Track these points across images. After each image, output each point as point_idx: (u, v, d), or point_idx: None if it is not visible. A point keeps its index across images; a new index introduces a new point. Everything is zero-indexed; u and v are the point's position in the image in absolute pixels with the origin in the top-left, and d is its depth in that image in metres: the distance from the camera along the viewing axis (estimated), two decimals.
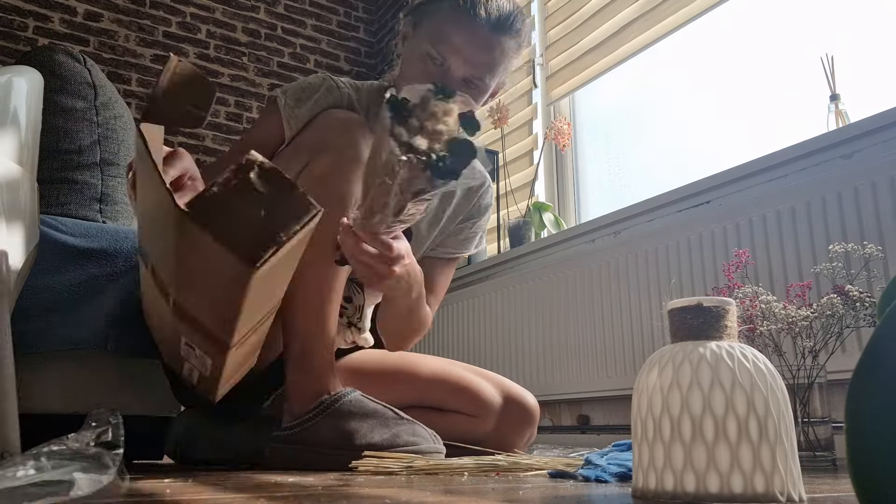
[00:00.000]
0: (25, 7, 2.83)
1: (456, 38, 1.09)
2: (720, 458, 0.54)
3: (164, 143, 0.79)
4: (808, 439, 1.10)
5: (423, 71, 1.10)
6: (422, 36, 1.12)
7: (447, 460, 0.95)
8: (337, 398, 1.02)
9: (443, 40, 1.09)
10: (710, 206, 1.79)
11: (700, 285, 1.68)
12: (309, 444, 1.00)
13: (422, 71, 1.10)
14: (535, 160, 2.61)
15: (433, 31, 1.10)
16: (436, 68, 1.10)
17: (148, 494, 0.60)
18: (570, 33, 2.52)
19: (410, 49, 1.15)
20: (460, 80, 1.11)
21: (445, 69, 1.10)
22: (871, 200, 1.39)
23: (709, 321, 0.59)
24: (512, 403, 1.23)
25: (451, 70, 1.10)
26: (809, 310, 1.13)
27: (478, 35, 1.09)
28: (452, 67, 1.10)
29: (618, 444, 0.96)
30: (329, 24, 3.56)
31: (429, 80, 1.04)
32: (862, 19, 1.78)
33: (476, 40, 1.10)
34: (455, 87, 1.00)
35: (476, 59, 1.10)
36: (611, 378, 1.89)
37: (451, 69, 1.10)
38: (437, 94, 0.80)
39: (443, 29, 1.09)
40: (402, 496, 0.61)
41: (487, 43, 1.10)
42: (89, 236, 1.49)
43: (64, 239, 1.45)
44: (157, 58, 3.07)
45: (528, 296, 2.21)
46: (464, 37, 1.09)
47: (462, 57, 1.10)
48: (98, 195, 1.70)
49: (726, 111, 2.08)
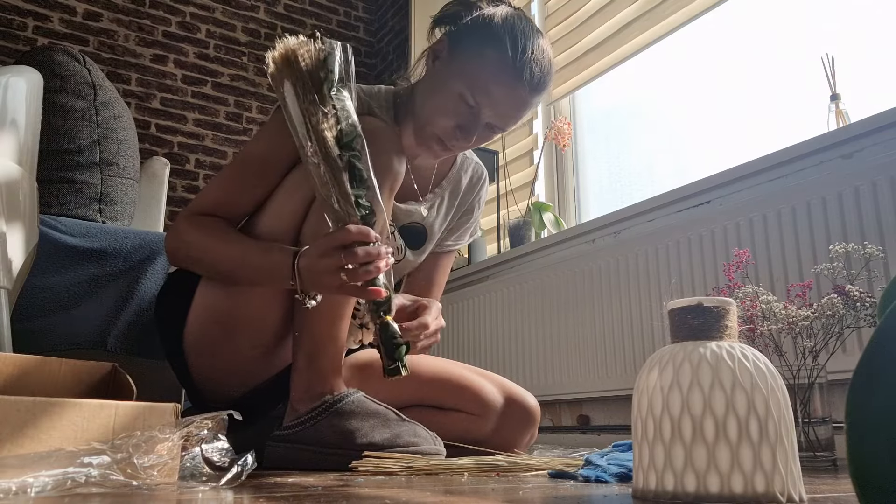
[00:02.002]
0: (25, 7, 2.83)
1: (496, 92, 1.08)
2: (720, 458, 0.54)
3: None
4: (808, 439, 1.10)
5: (453, 110, 1.09)
6: (459, 72, 1.09)
7: (447, 460, 0.95)
8: (340, 398, 1.02)
9: (482, 90, 1.08)
10: (710, 206, 1.79)
11: (700, 285, 1.67)
12: (310, 442, 1.00)
13: (452, 109, 1.09)
14: (535, 160, 2.61)
15: (473, 76, 1.08)
16: (466, 110, 1.09)
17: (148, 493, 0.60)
18: (570, 33, 2.52)
19: (442, 77, 1.12)
20: (485, 126, 1.12)
21: (475, 113, 1.10)
22: (871, 200, 1.39)
23: (709, 321, 0.59)
24: (513, 404, 1.23)
25: (480, 116, 1.10)
26: (810, 310, 1.13)
27: (517, 95, 1.09)
28: (483, 114, 1.10)
29: (618, 445, 0.96)
30: (329, 24, 3.56)
31: (457, 119, 1.10)
32: (862, 19, 1.78)
33: (514, 100, 1.10)
34: (478, 130, 1.11)
35: (509, 114, 1.11)
36: (611, 378, 1.89)
37: (480, 115, 1.10)
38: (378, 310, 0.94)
39: (484, 78, 1.07)
40: (402, 496, 0.61)
41: (524, 103, 1.11)
42: (89, 236, 1.49)
43: (64, 239, 1.45)
44: (156, 58, 3.07)
45: (528, 296, 2.21)
46: (503, 93, 1.08)
47: (496, 110, 1.10)
48: (98, 195, 1.70)
49: (726, 111, 2.08)
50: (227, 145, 3.15)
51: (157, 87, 3.05)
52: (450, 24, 1.15)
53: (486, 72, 1.07)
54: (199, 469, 0.67)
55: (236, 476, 0.66)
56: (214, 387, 1.16)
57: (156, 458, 0.63)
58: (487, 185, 1.39)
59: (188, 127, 3.08)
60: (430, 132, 1.12)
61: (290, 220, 1.06)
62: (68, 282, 1.43)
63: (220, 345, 1.11)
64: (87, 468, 0.59)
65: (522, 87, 1.08)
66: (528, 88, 1.09)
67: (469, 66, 1.09)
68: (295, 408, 1.04)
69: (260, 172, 1.09)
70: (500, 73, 1.07)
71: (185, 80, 3.11)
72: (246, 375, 1.15)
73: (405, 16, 3.38)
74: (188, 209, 1.11)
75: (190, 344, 1.13)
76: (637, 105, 2.46)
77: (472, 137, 1.11)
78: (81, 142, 1.69)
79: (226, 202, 1.09)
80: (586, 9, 2.45)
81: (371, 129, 1.03)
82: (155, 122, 3.01)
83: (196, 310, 1.12)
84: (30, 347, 1.31)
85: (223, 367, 1.14)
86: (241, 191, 1.09)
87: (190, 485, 0.65)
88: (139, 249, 1.50)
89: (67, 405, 0.64)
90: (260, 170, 1.09)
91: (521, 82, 1.08)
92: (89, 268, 1.45)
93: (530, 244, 2.35)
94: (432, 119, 1.11)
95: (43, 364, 0.85)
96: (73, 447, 0.61)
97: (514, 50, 1.07)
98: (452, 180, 1.30)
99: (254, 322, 1.10)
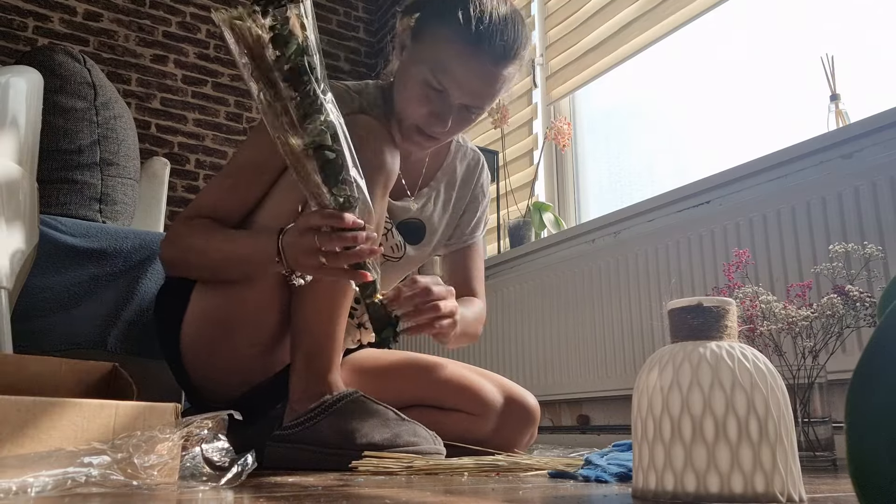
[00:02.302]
0: (25, 7, 2.83)
1: (458, 70, 1.04)
2: (720, 458, 0.54)
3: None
4: (808, 439, 1.10)
5: (423, 96, 1.07)
6: (421, 58, 1.07)
7: (447, 460, 0.95)
8: (339, 398, 1.02)
9: (444, 70, 1.04)
10: (710, 206, 1.79)
11: (700, 285, 1.67)
12: (310, 442, 1.00)
13: (420, 96, 1.07)
14: (535, 160, 2.61)
15: (434, 58, 1.05)
16: (435, 94, 1.07)
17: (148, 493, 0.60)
18: (570, 33, 2.52)
19: (408, 66, 1.10)
20: (459, 107, 1.09)
21: (444, 96, 1.07)
22: (871, 200, 1.39)
23: (709, 321, 0.59)
24: (513, 403, 1.23)
25: (450, 97, 1.07)
26: (809, 310, 1.13)
27: (482, 69, 1.04)
28: (453, 96, 1.07)
29: (618, 444, 0.96)
30: (329, 24, 3.56)
31: (428, 106, 1.07)
32: (862, 19, 1.77)
33: (479, 74, 1.05)
34: (453, 113, 1.07)
35: (478, 91, 1.07)
36: (611, 378, 1.89)
37: (450, 97, 1.07)
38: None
39: (445, 58, 1.04)
40: (402, 496, 0.61)
41: (491, 76, 1.06)
42: (89, 236, 1.49)
43: (64, 239, 1.45)
44: (156, 58, 3.07)
45: (528, 296, 2.21)
46: (466, 69, 1.04)
47: (463, 89, 1.06)
48: (98, 195, 1.70)
49: (726, 111, 2.08)
50: (228, 145, 3.15)
51: (158, 87, 3.05)
52: (415, 12, 1.12)
53: (444, 51, 1.04)
54: (199, 469, 0.67)
55: (236, 476, 0.66)
56: (213, 387, 1.16)
57: (156, 458, 0.63)
58: (486, 169, 1.37)
59: (188, 127, 3.08)
60: (407, 124, 1.11)
61: (287, 220, 1.06)
62: (68, 282, 1.43)
63: (218, 345, 1.11)
64: (87, 468, 0.59)
65: (485, 60, 1.03)
66: (491, 59, 1.04)
67: (428, 49, 1.06)
68: (294, 408, 1.04)
69: (254, 175, 1.09)
70: (457, 49, 1.03)
71: (185, 81, 3.11)
72: (244, 375, 1.15)
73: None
74: (183, 214, 1.11)
75: (187, 344, 1.13)
76: (637, 105, 2.46)
77: (447, 121, 1.08)
78: (82, 142, 1.69)
79: (221, 206, 1.10)
80: (586, 9, 2.45)
81: (363, 126, 1.03)
82: (155, 122, 3.01)
83: (193, 310, 1.12)
84: (30, 347, 1.31)
85: (221, 367, 1.14)
86: (235, 194, 1.10)
87: (190, 485, 0.65)
88: (139, 249, 1.50)
89: (67, 405, 0.64)
90: (254, 172, 1.09)
91: (482, 55, 1.03)
92: (89, 268, 1.45)
93: (530, 244, 2.35)
94: (406, 110, 1.10)
95: (43, 364, 0.85)
96: (73, 447, 0.61)
97: (467, 22, 1.02)
98: (447, 171, 1.30)
99: (251, 321, 1.10)
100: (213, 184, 1.13)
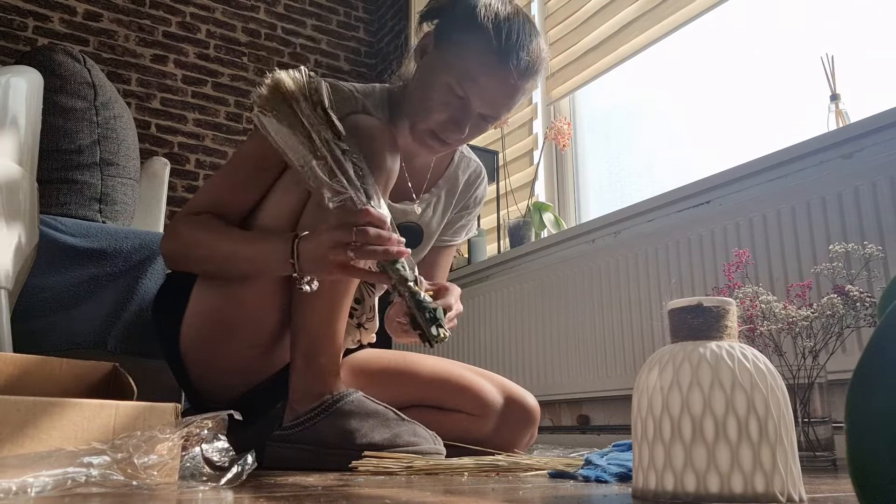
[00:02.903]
0: (25, 7, 2.83)
1: (483, 81, 1.07)
2: (720, 458, 0.54)
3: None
4: (808, 439, 1.10)
5: (444, 102, 1.08)
6: (445, 64, 1.08)
7: (447, 460, 0.95)
8: (339, 398, 1.02)
9: (469, 79, 1.06)
10: (710, 206, 1.79)
11: (700, 285, 1.67)
12: (310, 442, 1.00)
13: (442, 102, 1.08)
14: (535, 160, 2.61)
15: (460, 67, 1.07)
16: (457, 102, 1.08)
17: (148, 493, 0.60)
18: (570, 33, 2.52)
19: (430, 71, 1.11)
20: (478, 116, 1.11)
21: (465, 104, 1.09)
22: (871, 200, 1.39)
23: (709, 321, 0.59)
24: (513, 404, 1.23)
25: (471, 106, 1.09)
26: (809, 310, 1.13)
27: (505, 82, 1.07)
28: (474, 105, 1.09)
29: (618, 444, 0.96)
30: (329, 24, 3.56)
31: (447, 112, 1.09)
32: (862, 19, 1.78)
33: (503, 87, 1.08)
34: (470, 121, 1.09)
35: (499, 102, 1.10)
36: (611, 378, 1.89)
37: (471, 105, 1.09)
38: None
39: (471, 68, 1.06)
40: (402, 496, 0.61)
41: (513, 89, 1.09)
42: (89, 236, 1.49)
43: (64, 239, 1.45)
44: (156, 58, 3.07)
45: (528, 296, 2.21)
46: (491, 81, 1.07)
47: (486, 99, 1.08)
48: (98, 195, 1.70)
49: (726, 111, 2.08)
50: (228, 145, 3.15)
51: (158, 87, 3.05)
52: (436, 17, 1.14)
53: (472, 61, 1.06)
54: (199, 469, 0.67)
55: (236, 476, 0.66)
56: (213, 387, 1.16)
57: (156, 458, 0.63)
58: (486, 184, 1.39)
59: (188, 127, 3.08)
60: (423, 128, 1.11)
61: (287, 218, 1.06)
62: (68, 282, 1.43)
63: (218, 345, 1.11)
64: (87, 468, 0.59)
65: (510, 74, 1.07)
66: (515, 74, 1.07)
67: (455, 57, 1.08)
68: (294, 408, 1.04)
69: (253, 173, 1.10)
70: (485, 61, 1.06)
71: (185, 81, 3.11)
72: (244, 375, 1.15)
73: (405, 16, 3.38)
74: (182, 211, 1.11)
75: (187, 344, 1.13)
76: (637, 105, 2.46)
77: (465, 129, 1.10)
78: (81, 142, 1.69)
79: (220, 203, 1.10)
80: (586, 9, 2.45)
81: (365, 126, 1.03)
82: (155, 122, 3.01)
83: (193, 310, 1.12)
84: (30, 347, 1.31)
85: (221, 367, 1.14)
86: (234, 192, 1.10)
87: (190, 485, 0.65)
88: (139, 249, 1.50)
89: (67, 405, 0.64)
90: (253, 171, 1.10)
91: (508, 69, 1.06)
92: (89, 268, 1.45)
93: (530, 244, 2.35)
94: (424, 114, 1.10)
95: (43, 364, 0.85)
96: (73, 447, 0.61)
97: (497, 36, 1.06)
98: (449, 179, 1.30)
99: (251, 321, 1.10)
100: (212, 180, 1.13)
